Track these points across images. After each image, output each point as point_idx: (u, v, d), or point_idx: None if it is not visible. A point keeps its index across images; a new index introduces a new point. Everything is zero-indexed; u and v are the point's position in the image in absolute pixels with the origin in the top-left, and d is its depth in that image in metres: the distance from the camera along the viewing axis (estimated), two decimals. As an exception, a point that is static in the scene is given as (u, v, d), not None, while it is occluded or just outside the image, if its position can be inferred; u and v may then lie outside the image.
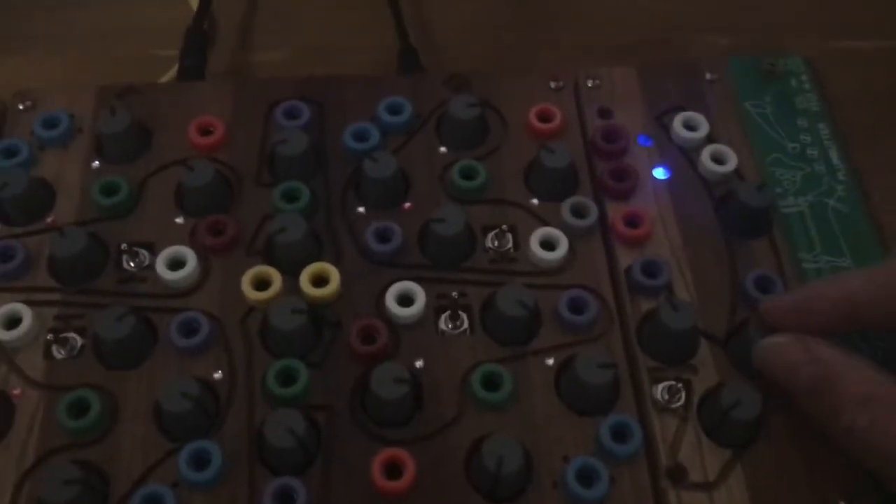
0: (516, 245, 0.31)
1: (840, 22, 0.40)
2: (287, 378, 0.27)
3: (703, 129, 0.33)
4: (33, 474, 0.26)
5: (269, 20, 0.42)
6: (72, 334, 0.29)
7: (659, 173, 0.32)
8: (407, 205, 0.31)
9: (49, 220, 0.31)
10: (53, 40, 0.41)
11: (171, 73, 0.38)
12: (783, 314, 0.27)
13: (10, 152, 0.32)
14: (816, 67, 0.36)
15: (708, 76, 0.35)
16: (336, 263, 0.30)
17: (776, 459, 0.27)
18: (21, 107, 0.33)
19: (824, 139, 0.33)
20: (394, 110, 0.33)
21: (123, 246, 0.30)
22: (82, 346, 0.28)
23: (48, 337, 0.28)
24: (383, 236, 0.30)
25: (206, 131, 0.33)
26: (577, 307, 0.29)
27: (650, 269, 0.30)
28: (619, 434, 0.27)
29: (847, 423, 0.25)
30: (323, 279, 0.29)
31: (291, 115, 0.33)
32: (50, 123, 0.32)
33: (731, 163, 0.32)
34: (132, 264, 0.30)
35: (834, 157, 0.33)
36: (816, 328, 0.27)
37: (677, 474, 0.27)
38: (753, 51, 0.37)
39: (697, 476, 0.27)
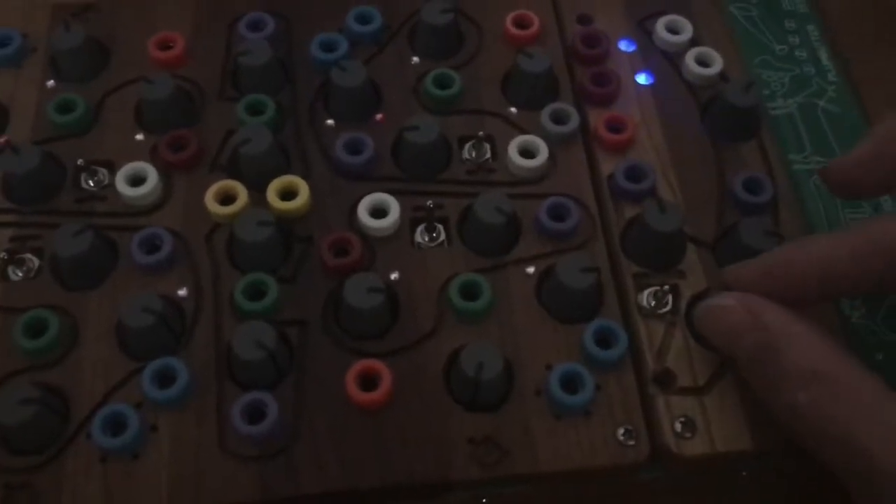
0: (494, 155, 0.29)
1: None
2: (256, 292, 0.26)
3: (687, 33, 0.31)
4: (-10, 398, 0.25)
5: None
6: (28, 255, 0.27)
7: (642, 79, 0.31)
8: (379, 116, 0.30)
9: (2, 140, 0.29)
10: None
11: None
12: (749, 283, 0.24)
13: (-40, 72, 0.30)
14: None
15: (691, -21, 0.33)
16: (305, 177, 0.28)
17: (768, 361, 0.26)
18: (-30, 27, 0.32)
19: (813, 40, 0.32)
20: (363, 19, 0.32)
21: (81, 162, 0.29)
22: (40, 267, 0.27)
23: (3, 257, 0.27)
24: (354, 148, 0.29)
25: (165, 46, 0.31)
26: (557, 214, 0.28)
27: (634, 173, 0.28)
28: (604, 339, 0.26)
29: (788, 399, 0.22)
30: (291, 192, 0.28)
31: (256, 27, 0.31)
32: (1, 42, 0.31)
33: (717, 65, 0.31)
34: (91, 183, 0.28)
35: (823, 57, 0.32)
36: (785, 299, 0.24)
37: (665, 379, 0.25)
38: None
39: (686, 381, 0.25)
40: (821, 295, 0.24)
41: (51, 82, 0.31)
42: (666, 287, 0.27)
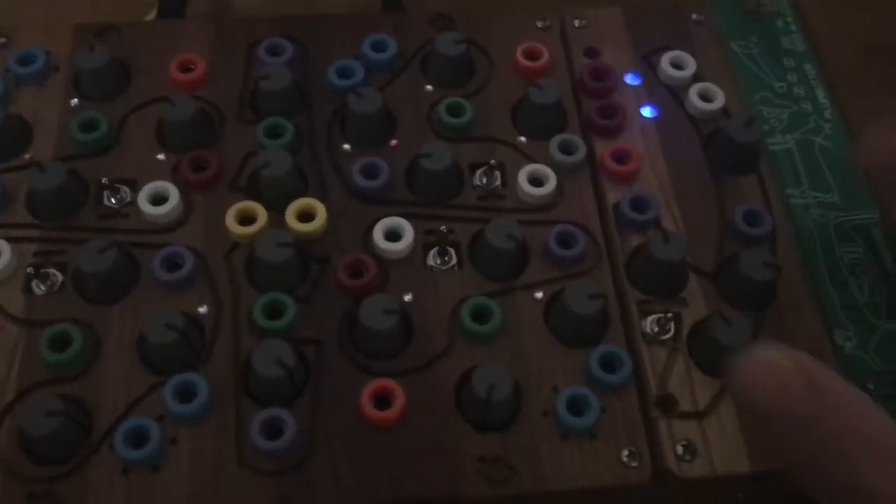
0: (504, 182, 0.30)
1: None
2: (274, 311, 0.27)
3: (690, 69, 0.33)
4: (14, 409, 0.26)
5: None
6: (52, 270, 0.28)
7: (647, 112, 0.32)
8: (393, 142, 0.31)
9: (27, 156, 0.30)
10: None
11: (151, 16, 0.38)
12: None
13: (-15, 89, 0.31)
14: (802, 10, 0.36)
15: (694, 17, 0.35)
16: (322, 200, 0.29)
17: (766, 388, 0.27)
18: (-5, 44, 0.33)
19: (811, 79, 0.33)
20: (378, 47, 0.33)
21: (104, 181, 0.29)
22: (63, 281, 0.28)
23: (28, 272, 0.28)
24: (369, 172, 0.30)
25: (186, 68, 0.32)
26: (565, 241, 0.29)
27: (639, 204, 0.30)
28: (609, 364, 0.27)
29: (873, 488, 0.19)
30: (309, 214, 0.29)
31: (274, 51, 0.32)
32: (26, 60, 0.32)
33: (719, 101, 0.32)
34: (113, 200, 0.29)
35: (820, 96, 0.33)
36: None
37: (667, 404, 0.27)
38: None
39: (688, 405, 0.26)
40: None
41: (74, 100, 0.31)
42: (669, 314, 0.28)
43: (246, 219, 0.29)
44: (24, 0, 0.38)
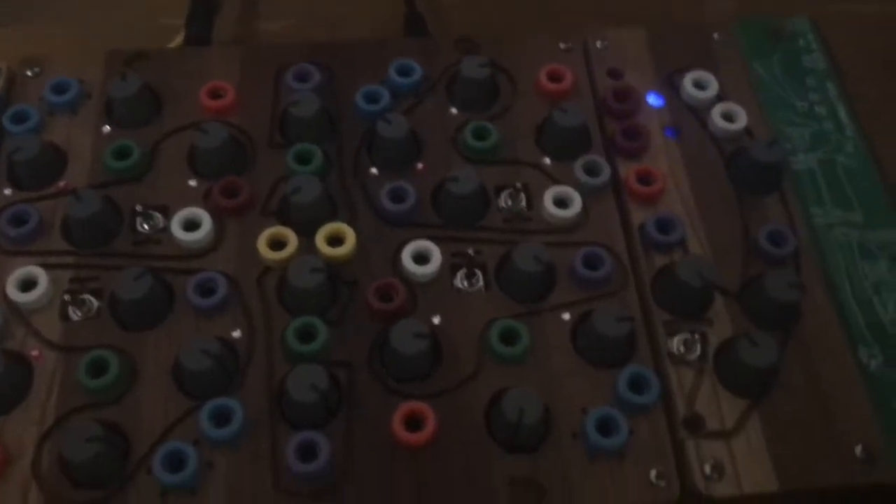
0: (529, 204, 0.31)
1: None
2: (306, 335, 0.28)
3: (713, 88, 0.33)
4: (54, 434, 0.26)
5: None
6: (88, 296, 0.28)
7: (669, 132, 0.32)
8: (420, 165, 0.32)
9: (61, 184, 0.31)
10: (57, 9, 0.41)
11: (177, 41, 0.38)
12: None
13: (21, 118, 0.32)
14: (822, 29, 0.36)
15: (716, 36, 0.35)
16: (351, 224, 0.30)
17: (793, 406, 0.27)
18: (29, 73, 0.33)
19: (832, 98, 0.34)
20: (404, 72, 0.33)
21: (138, 208, 0.30)
22: (98, 307, 0.28)
23: (65, 298, 0.28)
24: (397, 196, 0.30)
25: (216, 95, 0.32)
26: (591, 263, 0.29)
27: (664, 225, 0.30)
28: (637, 385, 0.27)
29: None
30: (338, 239, 0.29)
31: (302, 78, 0.33)
32: (59, 89, 0.32)
33: (741, 120, 0.32)
34: (146, 227, 0.30)
35: (842, 114, 0.33)
36: None
37: (694, 423, 0.27)
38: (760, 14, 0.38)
39: (715, 425, 0.27)
40: None
41: (106, 128, 0.32)
42: (694, 335, 0.28)
43: (277, 243, 0.29)
44: (52, 31, 0.39)
